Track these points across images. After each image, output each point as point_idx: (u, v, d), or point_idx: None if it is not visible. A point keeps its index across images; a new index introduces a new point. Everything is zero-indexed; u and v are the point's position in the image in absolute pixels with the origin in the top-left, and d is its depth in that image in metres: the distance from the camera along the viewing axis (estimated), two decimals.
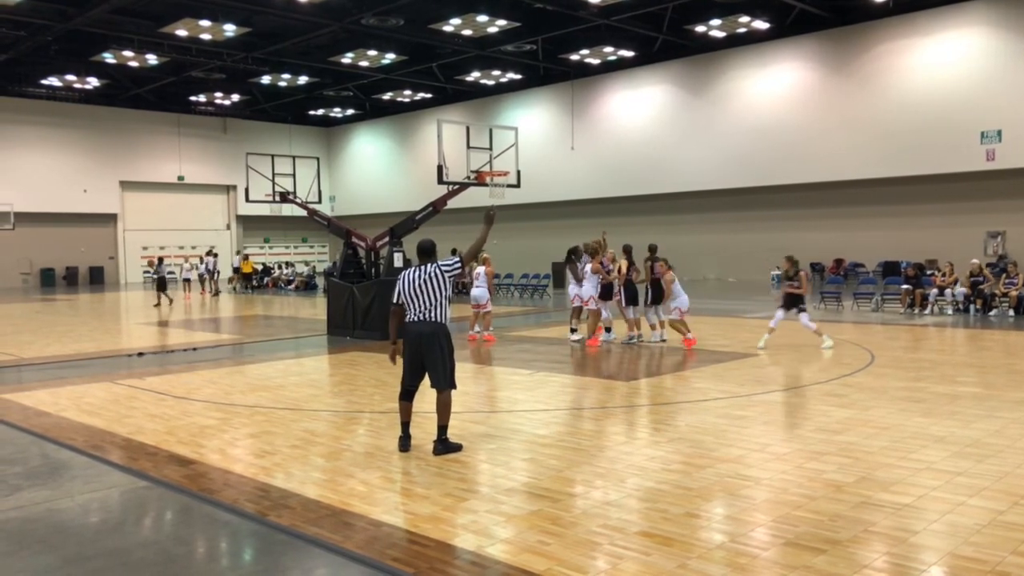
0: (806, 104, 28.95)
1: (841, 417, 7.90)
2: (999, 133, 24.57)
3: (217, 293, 30.39)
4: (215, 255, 32.85)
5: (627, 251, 14.19)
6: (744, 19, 27.86)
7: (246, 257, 37.17)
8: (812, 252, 29.32)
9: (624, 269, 13.97)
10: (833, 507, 5.27)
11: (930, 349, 13.27)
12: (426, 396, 7.17)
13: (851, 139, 27.70)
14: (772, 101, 29.76)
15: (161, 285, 26.37)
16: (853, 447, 6.76)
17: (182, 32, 28.38)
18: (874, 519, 5.04)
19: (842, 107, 28.04)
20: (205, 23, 27.53)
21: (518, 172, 16.38)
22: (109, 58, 31.92)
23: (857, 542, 4.69)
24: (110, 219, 41.11)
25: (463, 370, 11.50)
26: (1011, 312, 17.48)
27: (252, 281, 35.23)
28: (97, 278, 40.42)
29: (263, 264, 38.51)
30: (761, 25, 28.35)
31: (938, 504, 5.31)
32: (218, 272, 31.84)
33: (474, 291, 15.07)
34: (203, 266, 31.70)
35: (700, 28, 28.63)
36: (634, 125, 33.86)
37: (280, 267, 37.76)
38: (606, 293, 13.96)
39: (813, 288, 23.21)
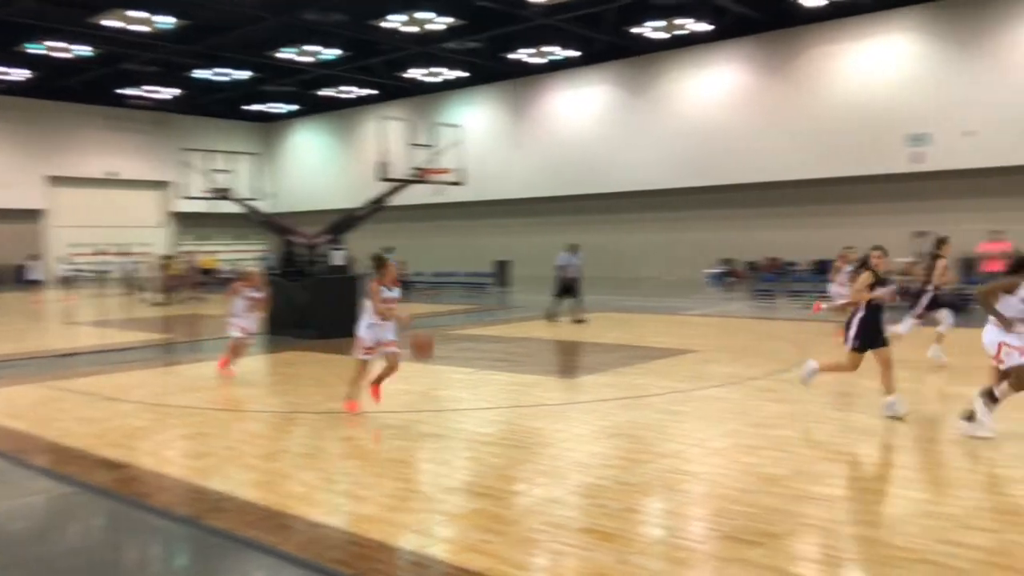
0: (743, 106, 29.53)
1: (775, 412, 8.07)
2: (926, 136, 25.44)
3: (143, 296, 28.65)
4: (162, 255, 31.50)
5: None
6: (681, 21, 28.21)
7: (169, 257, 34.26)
8: (749, 251, 29.90)
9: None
10: (768, 500, 5.38)
11: None
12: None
13: (786, 140, 28.33)
14: (711, 102, 30.26)
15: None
16: (787, 441, 6.92)
17: (114, 23, 27.49)
18: (808, 511, 5.17)
19: (778, 109, 28.68)
20: (140, 14, 26.68)
21: (462, 170, 16.32)
22: (36, 48, 30.73)
23: (792, 534, 4.80)
24: (36, 215, 39.59)
25: (403, 369, 11.40)
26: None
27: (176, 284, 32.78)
28: (20, 276, 38.80)
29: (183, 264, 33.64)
30: (700, 28, 28.79)
31: (869, 496, 5.47)
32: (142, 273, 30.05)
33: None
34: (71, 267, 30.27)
35: (640, 30, 28.91)
36: (577, 125, 34.07)
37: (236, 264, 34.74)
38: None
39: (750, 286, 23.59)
